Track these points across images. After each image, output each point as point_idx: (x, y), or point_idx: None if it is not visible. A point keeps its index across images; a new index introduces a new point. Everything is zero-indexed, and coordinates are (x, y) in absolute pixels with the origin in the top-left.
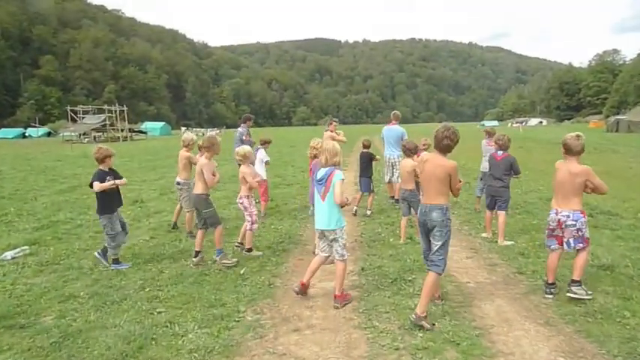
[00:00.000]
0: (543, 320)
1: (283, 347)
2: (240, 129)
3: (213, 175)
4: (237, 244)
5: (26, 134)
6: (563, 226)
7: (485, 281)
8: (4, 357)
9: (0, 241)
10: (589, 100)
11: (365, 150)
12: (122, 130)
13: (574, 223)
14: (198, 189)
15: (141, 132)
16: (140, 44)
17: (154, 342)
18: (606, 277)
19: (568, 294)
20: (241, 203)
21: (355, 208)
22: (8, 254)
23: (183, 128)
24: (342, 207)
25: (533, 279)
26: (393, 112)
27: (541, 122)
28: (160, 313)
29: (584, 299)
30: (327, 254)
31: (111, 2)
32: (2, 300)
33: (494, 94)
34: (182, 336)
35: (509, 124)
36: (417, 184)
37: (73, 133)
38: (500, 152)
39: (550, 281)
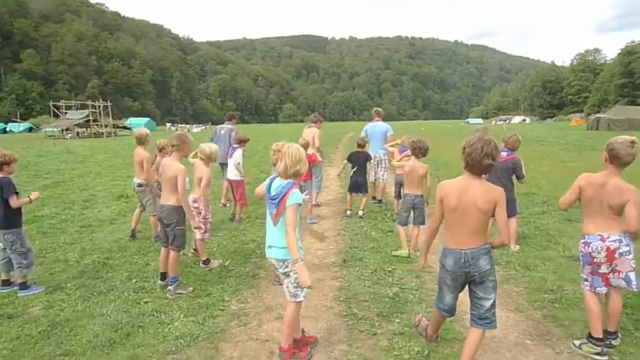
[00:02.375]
0: (514, 307)
1: (266, 334)
2: (228, 126)
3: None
4: (192, 250)
5: (7, 129)
6: (616, 256)
7: None
8: None
9: None
10: (571, 99)
11: (361, 150)
12: (106, 126)
13: (629, 249)
14: (173, 200)
15: (125, 128)
16: (124, 39)
17: (141, 329)
18: (575, 267)
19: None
20: (195, 207)
21: (349, 211)
22: None
23: (168, 124)
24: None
25: (507, 269)
26: (375, 109)
27: (524, 120)
28: (146, 302)
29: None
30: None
31: None
32: None
33: (479, 91)
34: (168, 324)
35: (493, 122)
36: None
37: (55, 129)
38: (504, 153)
39: (600, 335)
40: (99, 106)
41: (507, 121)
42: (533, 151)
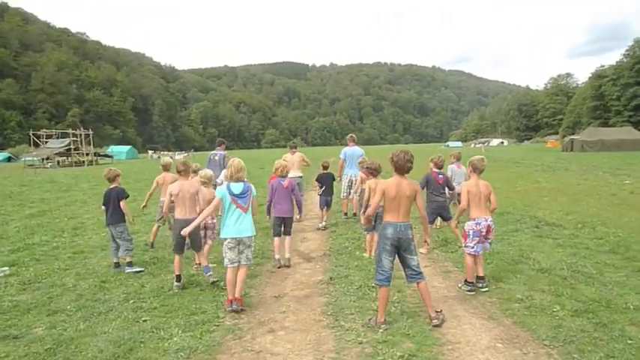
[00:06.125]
0: (487, 315)
1: (260, 346)
2: (221, 152)
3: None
4: (195, 265)
5: None
6: (491, 230)
7: (439, 285)
8: None
9: None
10: (546, 121)
11: (327, 172)
12: (87, 155)
13: (494, 226)
14: (193, 213)
15: (107, 156)
16: (105, 67)
17: (142, 345)
18: (544, 279)
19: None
20: (214, 223)
21: (322, 224)
22: None
23: (150, 152)
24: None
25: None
26: (350, 135)
27: (502, 142)
28: (145, 321)
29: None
30: (237, 263)
31: (75, 25)
32: None
33: (458, 115)
34: (168, 339)
35: (473, 145)
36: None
37: (35, 158)
38: (441, 176)
39: (473, 280)
40: (80, 135)
41: (486, 144)
42: (510, 172)
